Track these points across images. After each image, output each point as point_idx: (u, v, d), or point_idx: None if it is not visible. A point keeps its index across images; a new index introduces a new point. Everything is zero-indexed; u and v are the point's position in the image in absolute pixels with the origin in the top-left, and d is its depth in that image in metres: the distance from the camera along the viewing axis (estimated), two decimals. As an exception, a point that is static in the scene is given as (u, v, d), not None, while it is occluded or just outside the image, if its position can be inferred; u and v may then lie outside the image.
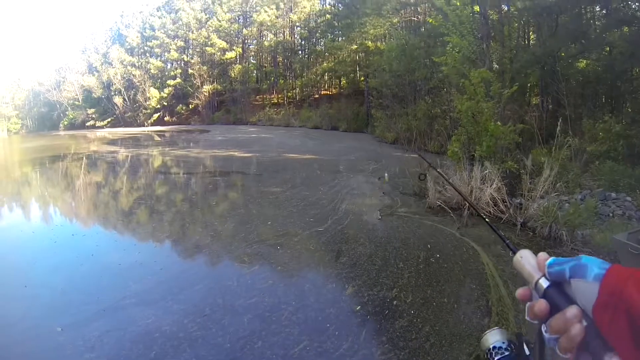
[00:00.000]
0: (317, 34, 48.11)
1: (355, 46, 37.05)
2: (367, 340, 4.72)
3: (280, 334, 4.88)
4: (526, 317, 0.74)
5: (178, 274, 7.12)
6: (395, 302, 5.51)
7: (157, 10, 64.43)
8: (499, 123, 11.09)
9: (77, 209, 13.49)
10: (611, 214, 8.35)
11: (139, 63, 62.07)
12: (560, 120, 10.62)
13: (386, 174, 12.85)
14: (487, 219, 1.63)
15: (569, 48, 15.70)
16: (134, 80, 60.75)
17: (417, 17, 31.14)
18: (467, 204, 8.93)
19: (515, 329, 4.83)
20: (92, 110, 66.19)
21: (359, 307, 5.48)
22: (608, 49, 14.74)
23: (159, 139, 38.67)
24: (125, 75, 62.17)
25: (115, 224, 11.09)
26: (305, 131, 35.01)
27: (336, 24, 43.26)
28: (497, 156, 10.73)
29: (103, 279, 7.15)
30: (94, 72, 66.85)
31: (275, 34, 52.78)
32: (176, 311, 5.70)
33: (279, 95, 50.32)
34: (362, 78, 37.10)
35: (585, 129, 12.64)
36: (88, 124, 65.33)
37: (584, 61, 16.28)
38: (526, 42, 21.79)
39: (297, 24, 50.66)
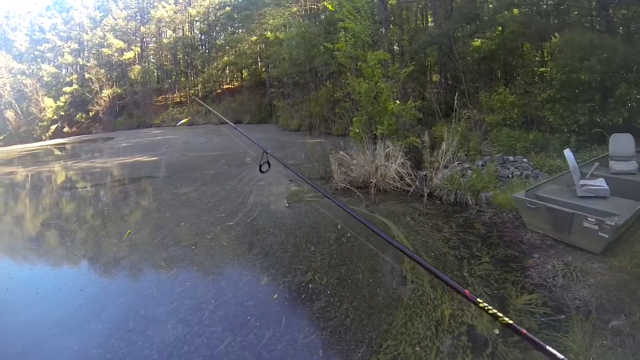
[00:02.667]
0: (217, 28, 47.11)
1: (255, 37, 36.99)
2: (288, 326, 4.78)
3: (204, 334, 4.90)
4: None
5: (98, 292, 6.88)
6: (311, 286, 5.59)
7: (47, 10, 59.75)
8: (397, 101, 11.40)
9: None
10: (510, 175, 8.95)
11: (30, 70, 56.71)
12: (457, 94, 11.18)
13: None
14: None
15: (464, 29, 16.47)
16: (26, 90, 55.63)
17: (317, 5, 31.31)
18: (373, 182, 9.36)
19: (431, 293, 5.07)
20: None
21: (276, 295, 5.54)
22: (500, 28, 15.61)
23: (60, 152, 36.31)
24: (15, 86, 56.72)
25: (28, 252, 10.39)
26: (210, 128, 34.50)
27: (236, 16, 42.73)
28: (399, 133, 11.05)
29: (22, 313, 6.69)
30: None
31: (174, 30, 51.03)
32: (100, 332, 5.52)
33: (181, 94, 48.86)
34: (263, 69, 37.19)
35: (482, 101, 13.40)
36: None
37: (479, 40, 17.05)
38: (424, 24, 22.60)
39: (197, 18, 49.14)
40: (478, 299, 1.93)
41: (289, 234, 7.71)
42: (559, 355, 1.69)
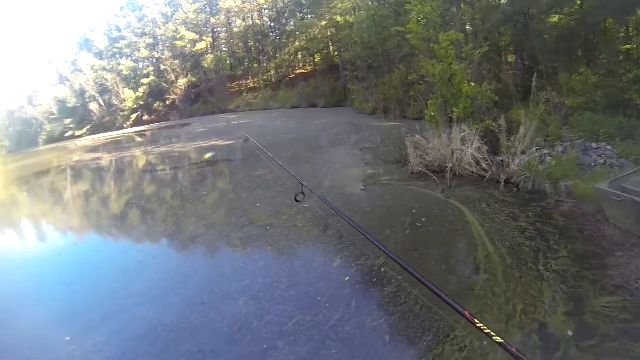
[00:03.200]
0: (286, 14, 47.19)
1: (325, 22, 36.53)
2: (357, 308, 4.82)
3: (274, 311, 5.07)
4: None
5: (176, 267, 7.35)
6: (382, 269, 5.54)
7: (121, 10, 63.00)
8: (472, 84, 11.07)
9: (73, 219, 13.59)
10: (593, 164, 8.31)
11: (110, 66, 60.63)
12: (534, 75, 10.65)
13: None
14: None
15: (539, 4, 15.63)
16: (107, 84, 59.42)
17: (385, -14, 30.75)
18: (449, 166, 9.10)
19: (504, 285, 4.86)
20: (69, 120, 64.22)
21: (348, 277, 5.54)
22: (579, 2, 14.66)
23: (140, 138, 38.09)
24: (97, 80, 60.65)
25: (113, 228, 11.29)
26: (285, 111, 34.77)
27: (304, 2, 42.45)
28: (475, 116, 10.72)
29: (106, 284, 7.40)
30: (65, 82, 65.06)
31: (243, 19, 51.92)
32: (176, 304, 5.93)
33: (255, 80, 49.44)
34: (336, 53, 36.77)
35: (562, 83, 12.53)
36: (67, 134, 63.33)
37: (556, 16, 16.21)
38: (497, 1, 21.71)
39: (265, 6, 49.70)
40: (476, 320, 2.03)
41: (363, 217, 7.69)
42: None
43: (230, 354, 4.57)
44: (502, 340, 1.95)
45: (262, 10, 50.07)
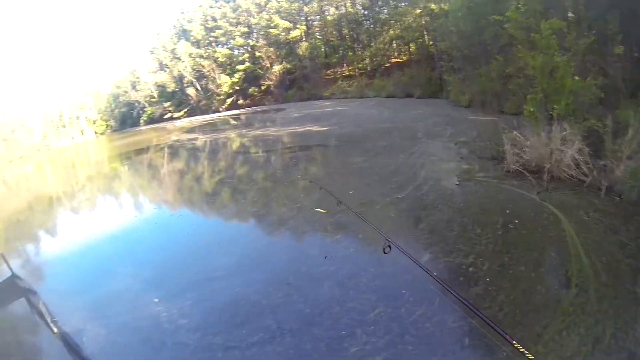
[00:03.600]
0: (380, 2, 46.58)
1: (419, 10, 35.55)
2: (441, 307, 4.76)
3: (357, 299, 5.14)
4: None
5: (265, 246, 7.77)
6: (471, 269, 5.48)
7: (216, 2, 65.59)
8: (576, 78, 10.36)
9: (169, 194, 14.67)
10: None
11: (206, 54, 63.93)
12: (646, 70, 9.77)
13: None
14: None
15: (652, -14, 14.34)
16: (204, 70, 63.05)
17: (482, -29, 29.54)
18: (547, 167, 8.61)
19: (595, 304, 4.51)
20: (168, 103, 69.59)
21: (435, 273, 5.17)
22: None
23: (235, 122, 39.61)
24: (194, 67, 64.63)
25: (205, 204, 12.32)
26: (380, 101, 34.16)
27: None
28: (577, 114, 9.95)
29: (197, 254, 8.01)
30: (165, 69, 70.19)
31: (337, 7, 51.99)
32: (261, 280, 6.27)
33: (350, 68, 49.45)
34: (431, 42, 35.57)
35: None
36: (166, 116, 68.84)
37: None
38: (602, -16, 20.25)
39: None
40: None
41: (456, 213, 7.56)
42: None
43: (308, 335, 4.69)
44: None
45: (355, -2, 49.77)
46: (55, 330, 5.94)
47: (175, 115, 67.82)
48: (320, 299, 5.39)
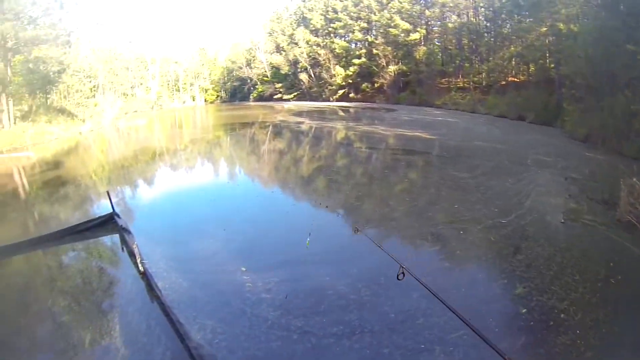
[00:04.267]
0: (503, 15, 44.86)
1: (545, 28, 33.77)
2: (525, 347, 4.65)
3: (443, 316, 5.02)
4: None
5: (361, 242, 7.54)
6: (562, 316, 5.20)
7: (338, -5, 66.60)
8: None
9: (269, 171, 15.67)
10: None
11: (324, 43, 65.58)
12: None
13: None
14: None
15: None
16: (319, 58, 64.84)
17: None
18: None
19: None
20: (280, 84, 73.21)
21: (525, 310, 5.33)
22: None
23: (344, 114, 39.77)
24: (310, 54, 66.85)
25: (302, 189, 12.75)
26: (490, 119, 33.35)
27: (522, 3, 39.57)
28: None
29: (292, 234, 8.47)
30: (281, 52, 73.33)
31: (458, 15, 51.07)
32: (352, 275, 6.43)
33: (465, 80, 48.23)
34: (552, 65, 33.75)
35: None
36: (275, 96, 72.54)
37: None
38: None
39: (481, 4, 47.87)
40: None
41: (557, 252, 7.23)
42: None
43: (387, 340, 4.75)
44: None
45: (479, 8, 48.38)
46: (142, 270, 6.75)
47: (285, 97, 70.84)
48: (406, 307, 5.41)
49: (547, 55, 35.59)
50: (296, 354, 4.60)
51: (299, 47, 67.94)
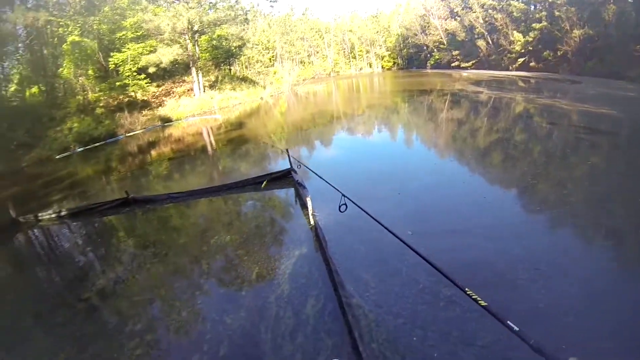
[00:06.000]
0: None
1: None
2: None
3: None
4: None
5: (528, 222, 7.44)
6: None
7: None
8: None
9: (445, 139, 15.98)
10: None
11: (500, 6, 62.56)
12: None
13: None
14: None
15: None
16: (496, 23, 62.46)
17: None
18: None
19: None
20: (457, 52, 71.93)
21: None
22: None
23: (523, 84, 36.67)
24: (486, 19, 64.70)
25: (482, 161, 12.39)
26: None
27: None
28: None
29: (463, 206, 8.35)
30: (456, 17, 71.81)
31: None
32: (514, 255, 6.22)
33: (667, 46, 39.96)
34: None
35: None
36: (453, 64, 71.61)
37: None
38: None
39: None
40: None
41: None
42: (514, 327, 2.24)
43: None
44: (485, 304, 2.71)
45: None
46: (312, 223, 7.38)
47: (463, 65, 69.57)
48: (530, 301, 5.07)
49: None
50: (437, 320, 4.83)
51: (474, 12, 66.00)
